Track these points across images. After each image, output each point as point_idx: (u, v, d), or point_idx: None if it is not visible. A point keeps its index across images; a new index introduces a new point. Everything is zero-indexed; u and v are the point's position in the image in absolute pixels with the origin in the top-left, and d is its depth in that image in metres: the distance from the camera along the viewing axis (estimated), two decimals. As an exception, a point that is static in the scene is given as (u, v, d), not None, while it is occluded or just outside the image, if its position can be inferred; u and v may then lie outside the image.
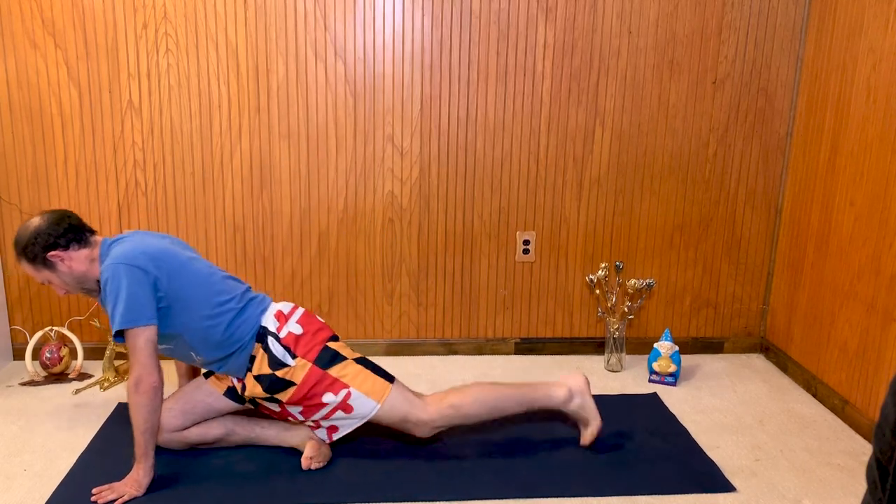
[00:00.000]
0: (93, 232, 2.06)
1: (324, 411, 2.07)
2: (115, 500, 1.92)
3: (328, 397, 2.04)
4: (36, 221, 1.99)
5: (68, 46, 2.64)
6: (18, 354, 2.88)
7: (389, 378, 2.11)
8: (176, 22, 2.64)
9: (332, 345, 2.11)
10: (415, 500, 1.97)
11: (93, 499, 1.93)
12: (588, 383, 2.22)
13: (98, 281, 2.03)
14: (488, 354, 3.03)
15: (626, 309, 2.89)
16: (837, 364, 2.54)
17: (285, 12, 2.66)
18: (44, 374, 2.74)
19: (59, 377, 2.71)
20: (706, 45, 2.79)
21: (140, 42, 2.65)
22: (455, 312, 2.99)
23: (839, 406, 2.50)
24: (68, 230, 2.00)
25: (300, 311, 2.17)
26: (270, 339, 2.06)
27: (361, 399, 2.05)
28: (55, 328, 2.77)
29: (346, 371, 2.06)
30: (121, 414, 2.43)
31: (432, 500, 1.97)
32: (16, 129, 2.70)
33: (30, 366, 2.70)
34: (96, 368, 2.81)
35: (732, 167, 2.91)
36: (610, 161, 2.87)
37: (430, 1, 2.69)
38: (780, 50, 2.81)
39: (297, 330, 2.09)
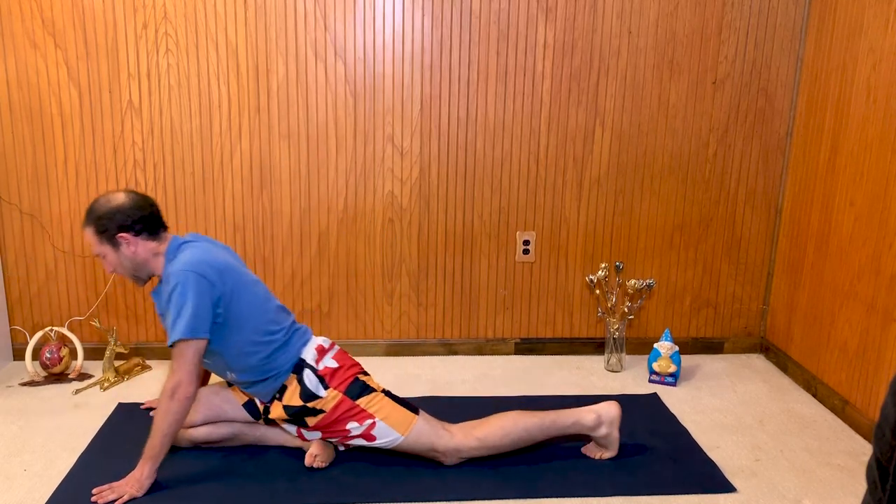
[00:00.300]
0: (166, 228, 2.07)
1: (343, 436, 2.09)
2: (115, 500, 1.92)
3: (352, 425, 2.07)
4: (121, 198, 1.99)
5: (68, 46, 2.64)
6: (18, 354, 2.88)
7: (414, 409, 2.12)
8: (176, 22, 2.64)
9: (361, 377, 2.13)
10: (416, 501, 1.97)
11: (93, 499, 1.93)
12: (620, 415, 2.16)
13: (150, 274, 2.06)
14: (488, 354, 3.03)
15: (626, 309, 2.89)
16: (837, 364, 2.54)
17: (285, 12, 2.66)
18: (44, 374, 2.74)
19: (59, 377, 2.71)
20: (706, 45, 2.79)
21: (140, 42, 2.65)
22: (455, 312, 2.99)
23: (839, 406, 2.50)
24: (146, 219, 2.00)
25: (337, 348, 2.20)
26: (306, 371, 2.09)
27: (385, 430, 2.07)
28: (55, 328, 2.77)
29: (373, 402, 2.08)
30: (120, 414, 2.43)
31: (433, 501, 1.97)
32: (16, 129, 2.70)
33: (30, 366, 2.70)
34: (96, 368, 2.81)
35: (732, 167, 2.91)
36: (610, 161, 2.87)
37: (430, 1, 2.69)
38: (780, 50, 2.81)
39: (333, 364, 2.12)
